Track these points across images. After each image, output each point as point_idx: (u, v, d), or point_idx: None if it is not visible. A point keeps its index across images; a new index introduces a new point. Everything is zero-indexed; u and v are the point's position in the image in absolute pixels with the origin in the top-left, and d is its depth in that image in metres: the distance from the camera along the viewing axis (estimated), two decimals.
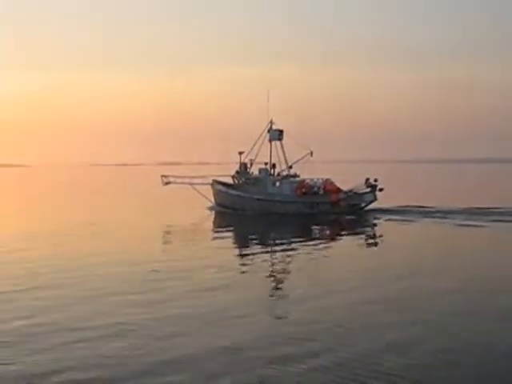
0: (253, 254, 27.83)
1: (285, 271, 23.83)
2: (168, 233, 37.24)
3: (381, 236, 35.64)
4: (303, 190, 46.85)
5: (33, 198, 73.44)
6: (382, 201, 47.11)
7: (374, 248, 31.68)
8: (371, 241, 34.47)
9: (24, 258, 24.93)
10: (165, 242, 32.73)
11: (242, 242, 33.94)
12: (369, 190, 46.79)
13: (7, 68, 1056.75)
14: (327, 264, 25.55)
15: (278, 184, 47.88)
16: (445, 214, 43.27)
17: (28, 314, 16.23)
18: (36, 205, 61.06)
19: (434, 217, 42.14)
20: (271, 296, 19.24)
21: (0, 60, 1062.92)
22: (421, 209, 46.24)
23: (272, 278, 21.98)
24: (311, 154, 47.52)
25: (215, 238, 34.64)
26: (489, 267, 24.12)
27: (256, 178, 48.67)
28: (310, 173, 48.35)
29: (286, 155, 48.66)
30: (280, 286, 21.06)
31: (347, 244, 32.86)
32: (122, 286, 19.87)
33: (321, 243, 32.20)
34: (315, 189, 47.14)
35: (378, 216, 43.70)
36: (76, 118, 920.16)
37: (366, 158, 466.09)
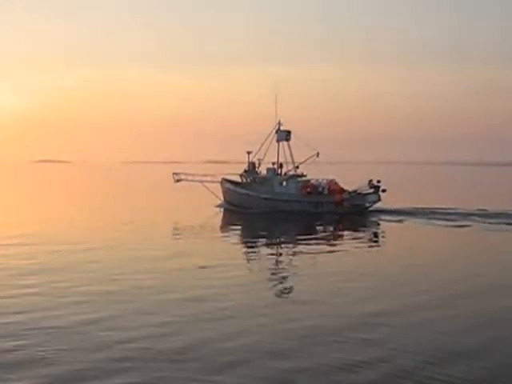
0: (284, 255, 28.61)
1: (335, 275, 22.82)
2: (181, 231, 38.48)
3: (384, 236, 36.66)
4: (308, 189, 48.13)
5: (72, 195, 75.22)
6: (393, 202, 48.33)
7: (392, 251, 30.65)
8: (380, 242, 34.90)
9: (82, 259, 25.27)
10: (193, 241, 32.90)
11: (266, 242, 33.51)
12: (372, 190, 47.91)
13: (51, 64, 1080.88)
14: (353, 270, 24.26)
15: (284, 183, 49.28)
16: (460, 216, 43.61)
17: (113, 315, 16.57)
18: (74, 202, 61.97)
19: (443, 219, 42.42)
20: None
21: (43, 56, 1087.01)
22: (429, 210, 46.88)
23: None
24: (317, 154, 48.88)
25: (236, 238, 35.09)
26: None
27: (263, 178, 50.11)
28: (335, 174, 49.18)
29: (294, 155, 50.21)
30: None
31: (355, 244, 32.61)
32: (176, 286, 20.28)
33: (341, 246, 31.68)
34: (320, 189, 48.42)
35: (384, 217, 44.56)
36: (114, 116, 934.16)
37: (397, 160, 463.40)
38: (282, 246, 32.11)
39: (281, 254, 28.96)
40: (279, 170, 50.26)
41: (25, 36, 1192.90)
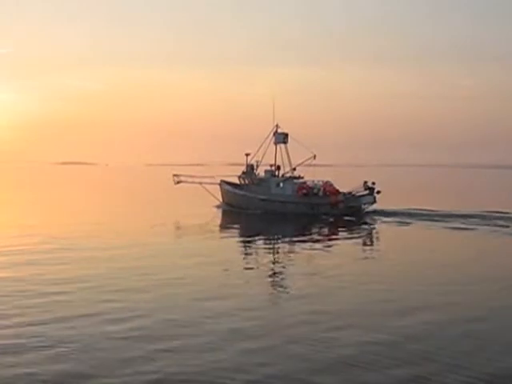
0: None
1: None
2: (191, 233, 38.64)
3: (378, 237, 37.50)
4: (304, 191, 49.01)
5: (94, 197, 76.10)
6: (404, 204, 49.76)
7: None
8: (385, 246, 34.40)
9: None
10: (204, 243, 33.43)
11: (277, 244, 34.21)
12: (367, 192, 48.71)
13: (75, 65, 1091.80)
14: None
15: (281, 185, 50.19)
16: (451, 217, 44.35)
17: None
18: (97, 204, 62.56)
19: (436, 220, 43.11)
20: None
21: (67, 57, 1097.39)
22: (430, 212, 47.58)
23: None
24: (314, 157, 49.80)
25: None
26: None
27: (260, 179, 50.96)
28: (342, 177, 49.58)
29: (293, 158, 51.25)
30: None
31: (349, 245, 33.44)
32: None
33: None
34: (315, 190, 49.27)
35: (390, 220, 44.76)
36: (138, 118, 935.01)
37: (411, 162, 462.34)
38: (294, 250, 31.36)
39: (293, 262, 28.18)
40: (276, 172, 51.13)
41: (49, 38, 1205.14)
